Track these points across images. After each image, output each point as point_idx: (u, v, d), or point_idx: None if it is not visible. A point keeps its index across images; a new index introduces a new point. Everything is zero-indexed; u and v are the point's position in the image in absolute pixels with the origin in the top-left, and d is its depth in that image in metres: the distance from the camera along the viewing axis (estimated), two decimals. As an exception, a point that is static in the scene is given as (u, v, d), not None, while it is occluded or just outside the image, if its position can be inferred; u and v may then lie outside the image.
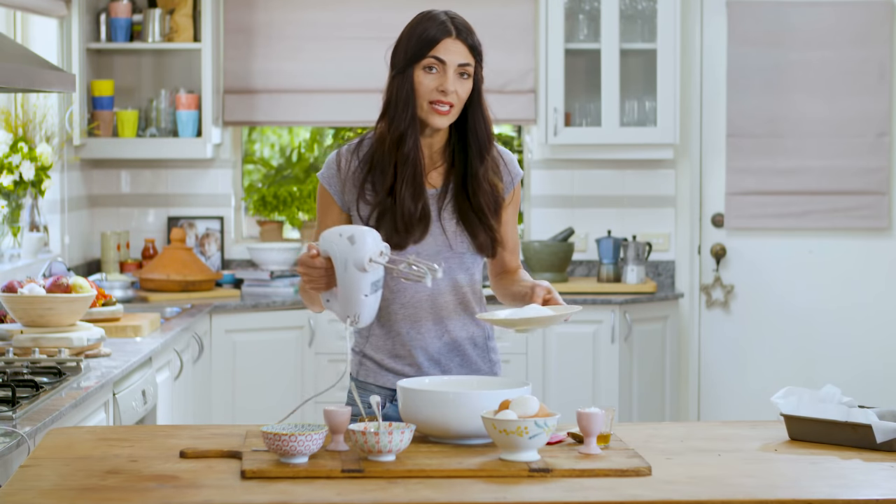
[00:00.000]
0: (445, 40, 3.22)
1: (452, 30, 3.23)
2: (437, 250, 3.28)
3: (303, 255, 3.09)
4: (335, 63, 6.74)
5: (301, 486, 2.65)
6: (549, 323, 3.10)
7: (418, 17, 3.29)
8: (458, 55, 3.22)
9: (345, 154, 3.33)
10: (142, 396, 4.54)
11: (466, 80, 3.25)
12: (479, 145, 3.29)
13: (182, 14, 6.52)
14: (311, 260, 3.08)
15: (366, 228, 3.06)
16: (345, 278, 3.04)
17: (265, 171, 7.45)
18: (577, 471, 2.74)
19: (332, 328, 6.29)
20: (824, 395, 3.14)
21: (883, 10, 6.80)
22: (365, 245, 3.02)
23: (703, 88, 6.88)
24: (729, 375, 6.92)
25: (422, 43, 3.23)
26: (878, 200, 6.83)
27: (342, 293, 3.06)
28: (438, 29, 3.23)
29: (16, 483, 2.66)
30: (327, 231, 3.08)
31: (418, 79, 3.23)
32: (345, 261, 3.03)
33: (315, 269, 3.08)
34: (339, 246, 3.04)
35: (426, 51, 3.22)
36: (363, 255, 3.01)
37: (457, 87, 3.23)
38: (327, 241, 3.06)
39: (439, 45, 3.22)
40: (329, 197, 3.33)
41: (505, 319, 3.10)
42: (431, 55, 3.22)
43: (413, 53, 3.23)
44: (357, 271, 3.02)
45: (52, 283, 4.48)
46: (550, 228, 6.76)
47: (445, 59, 3.22)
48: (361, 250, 3.02)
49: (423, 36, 3.23)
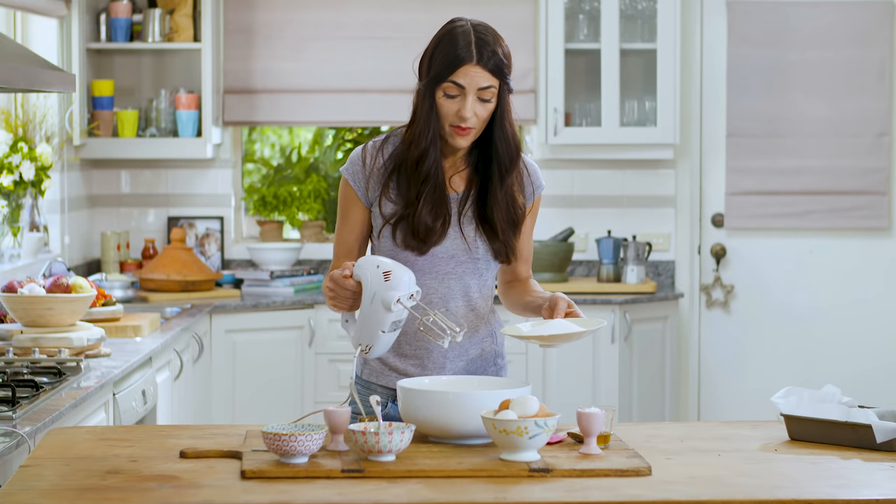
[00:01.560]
0: (466, 66, 3.17)
1: (474, 55, 3.17)
2: (453, 253, 3.28)
3: (335, 272, 3.07)
4: (335, 63, 6.74)
5: (301, 486, 2.65)
6: (574, 338, 3.10)
7: (445, 30, 3.23)
8: (478, 79, 3.17)
9: (370, 150, 3.31)
10: (142, 396, 4.54)
11: (488, 102, 3.20)
12: (501, 165, 3.26)
13: (182, 14, 6.52)
14: (343, 280, 3.06)
15: (403, 268, 3.03)
16: (369, 310, 3.03)
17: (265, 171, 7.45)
18: (577, 471, 2.74)
19: (332, 328, 6.29)
20: (824, 395, 3.14)
21: (883, 10, 6.80)
22: (398, 286, 3.00)
23: (703, 88, 6.88)
24: (729, 375, 6.92)
25: (443, 65, 3.18)
26: (878, 200, 6.83)
27: (362, 321, 3.05)
28: (461, 52, 3.17)
29: (16, 483, 2.66)
30: (367, 258, 3.07)
31: (439, 101, 3.20)
32: (373, 294, 3.01)
33: (344, 291, 3.07)
34: (372, 277, 3.02)
35: (446, 75, 3.18)
36: (393, 294, 3.00)
37: (476, 111, 3.19)
38: (363, 268, 3.04)
39: (459, 70, 3.17)
40: (352, 192, 3.31)
41: (529, 335, 3.09)
42: (451, 80, 3.18)
43: (434, 75, 3.19)
44: (382, 307, 3.01)
45: (52, 283, 4.48)
46: (550, 228, 6.76)
47: (465, 85, 3.17)
48: (393, 289, 3.00)
49: (445, 58, 3.18)
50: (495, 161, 3.27)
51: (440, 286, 3.28)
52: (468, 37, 3.20)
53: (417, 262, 3.26)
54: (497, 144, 3.26)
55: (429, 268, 3.27)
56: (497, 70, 3.19)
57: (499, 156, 3.26)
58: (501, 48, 3.22)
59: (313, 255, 6.88)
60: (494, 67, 3.19)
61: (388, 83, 6.66)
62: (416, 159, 3.23)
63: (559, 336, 3.07)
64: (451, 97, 3.19)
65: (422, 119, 3.22)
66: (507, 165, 3.27)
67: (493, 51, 3.20)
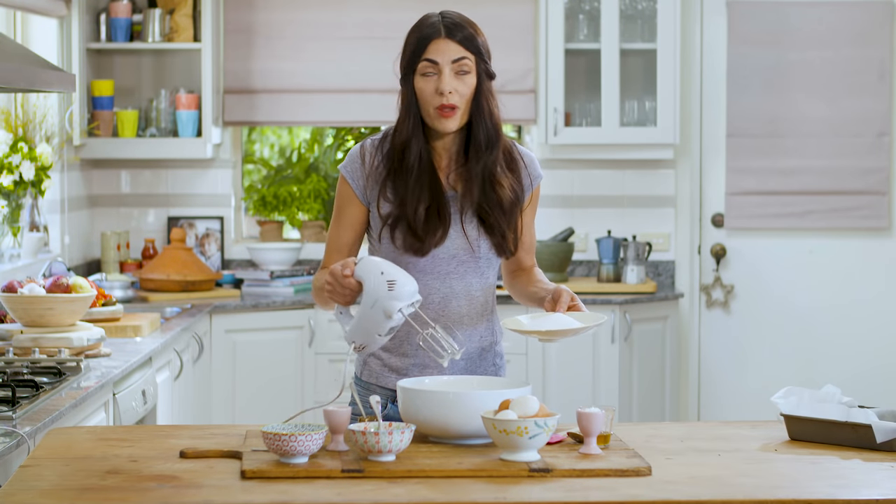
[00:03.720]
0: (436, 41, 3.18)
1: (441, 29, 3.19)
2: (454, 253, 3.26)
3: (336, 269, 3.03)
4: (335, 63, 6.74)
5: (301, 486, 2.65)
6: (575, 334, 3.09)
7: (414, 24, 3.26)
8: (449, 53, 3.18)
9: (369, 148, 3.29)
10: (142, 396, 4.54)
11: (466, 75, 3.20)
12: (478, 146, 3.24)
13: (182, 14, 6.52)
14: (344, 279, 3.02)
15: (407, 277, 3.00)
16: (369, 314, 3.00)
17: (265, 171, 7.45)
18: (577, 471, 2.74)
19: (332, 328, 6.29)
20: (824, 395, 3.14)
21: (883, 10, 6.80)
22: (401, 296, 2.98)
23: (703, 88, 6.88)
24: (729, 375, 6.92)
25: (415, 48, 3.20)
26: (878, 200, 6.83)
27: (359, 322, 3.02)
28: (428, 31, 3.20)
29: (16, 483, 2.66)
30: (371, 260, 3.03)
31: (418, 85, 3.21)
32: (376, 300, 2.98)
33: (343, 289, 3.04)
34: (376, 284, 2.98)
35: (419, 55, 3.19)
36: (395, 305, 2.97)
37: (455, 86, 3.18)
38: (366, 271, 3.00)
39: (430, 46, 3.18)
40: (350, 190, 3.29)
41: (530, 330, 3.09)
42: (424, 58, 3.19)
43: (409, 60, 3.21)
44: (383, 315, 3.00)
45: (52, 283, 4.48)
46: (550, 228, 6.76)
47: (438, 60, 3.18)
48: (395, 299, 2.97)
49: (415, 42, 3.20)
50: (473, 146, 3.24)
51: (442, 286, 3.27)
52: (434, 18, 3.23)
53: (419, 262, 3.25)
54: (473, 123, 3.23)
55: (430, 268, 3.26)
56: (467, 42, 3.20)
57: (475, 135, 3.23)
58: (473, 30, 3.22)
59: (313, 255, 6.88)
60: (463, 39, 3.19)
61: (388, 83, 6.62)
62: (400, 149, 3.22)
63: (559, 331, 3.07)
64: (428, 76, 3.19)
65: (402, 111, 3.23)
66: (482, 145, 3.23)
67: (461, 25, 3.21)
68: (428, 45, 3.19)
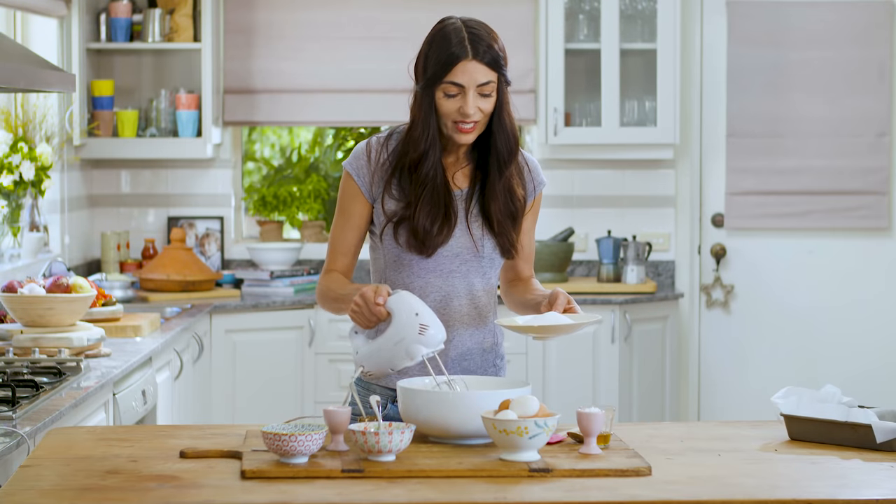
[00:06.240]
0: (463, 62, 3.13)
1: (469, 50, 3.13)
2: (458, 252, 3.26)
3: (368, 293, 3.02)
4: (335, 63, 6.74)
5: (301, 486, 2.65)
6: (569, 331, 3.08)
7: (436, 30, 3.19)
8: (476, 75, 3.14)
9: (375, 146, 3.27)
10: (142, 396, 4.54)
11: (489, 96, 3.17)
12: (500, 158, 3.23)
13: (182, 14, 6.52)
14: (375, 307, 3.02)
15: (439, 325, 3.00)
16: (390, 349, 3.00)
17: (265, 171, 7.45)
18: (577, 471, 2.74)
19: (332, 328, 6.29)
20: (824, 395, 3.14)
21: (883, 10, 6.80)
22: (430, 342, 2.98)
23: (703, 88, 6.88)
24: (729, 375, 6.92)
25: (438, 65, 3.14)
26: (878, 200, 6.83)
27: (377, 353, 3.02)
28: (455, 50, 3.13)
29: (16, 483, 2.66)
30: (407, 297, 3.01)
31: (439, 101, 3.16)
32: (402, 338, 2.99)
33: (371, 316, 3.04)
34: (407, 323, 2.99)
35: (443, 74, 3.14)
36: (421, 349, 2.98)
37: (479, 106, 3.16)
38: (400, 306, 3.00)
39: (456, 68, 3.13)
40: (355, 187, 3.27)
41: (524, 326, 3.09)
42: (448, 80, 3.14)
43: (431, 75, 3.15)
44: (406, 355, 2.99)
45: (52, 283, 4.48)
46: (550, 228, 6.76)
47: (464, 83, 3.14)
48: (424, 344, 2.98)
49: (440, 58, 3.14)
50: (494, 154, 3.24)
51: (444, 284, 3.26)
52: (460, 34, 3.16)
53: (422, 260, 3.25)
54: (496, 137, 3.22)
55: (433, 266, 3.26)
56: (494, 63, 3.16)
57: (497, 148, 3.23)
58: (496, 42, 3.18)
59: (313, 255, 6.88)
60: (491, 61, 3.15)
61: (388, 83, 6.65)
62: (415, 162, 3.21)
63: (553, 328, 3.07)
64: (451, 97, 3.16)
65: (420, 121, 3.19)
66: (506, 158, 3.24)
67: (488, 45, 3.16)
68: (454, 67, 3.13)
